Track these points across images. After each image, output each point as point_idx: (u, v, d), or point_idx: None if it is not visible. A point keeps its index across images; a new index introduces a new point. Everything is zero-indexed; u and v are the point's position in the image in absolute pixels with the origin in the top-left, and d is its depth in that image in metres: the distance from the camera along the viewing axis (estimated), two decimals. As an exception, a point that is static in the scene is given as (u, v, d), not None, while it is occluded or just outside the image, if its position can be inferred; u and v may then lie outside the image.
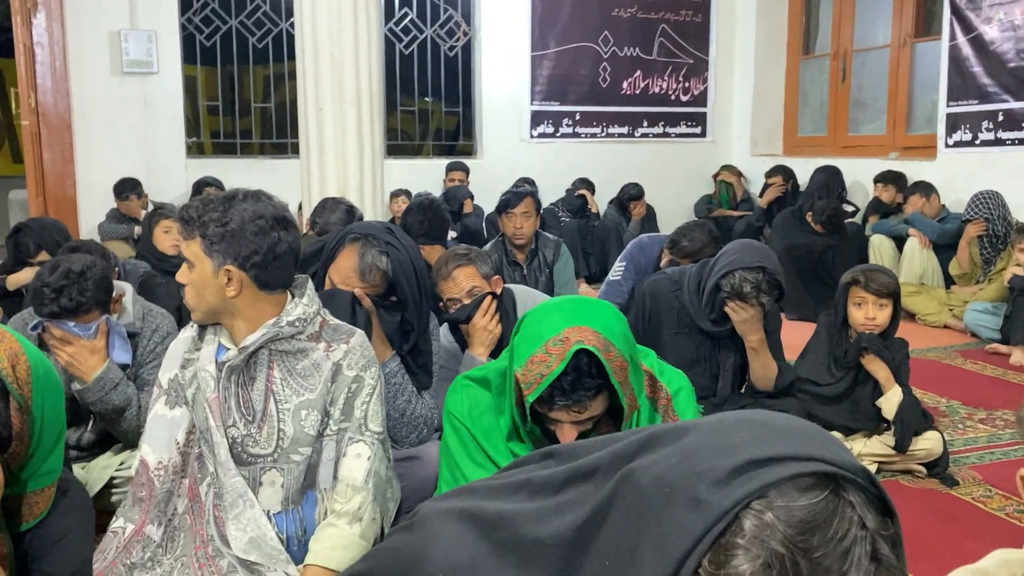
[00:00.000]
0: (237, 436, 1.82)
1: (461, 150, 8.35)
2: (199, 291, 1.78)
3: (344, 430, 1.86)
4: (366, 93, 3.98)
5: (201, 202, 1.77)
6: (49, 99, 6.40)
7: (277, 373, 1.82)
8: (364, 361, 1.88)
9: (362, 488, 1.84)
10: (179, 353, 1.90)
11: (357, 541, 1.81)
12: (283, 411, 1.82)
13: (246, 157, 7.36)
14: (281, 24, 7.18)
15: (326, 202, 3.71)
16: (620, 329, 1.62)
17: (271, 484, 1.83)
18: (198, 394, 1.83)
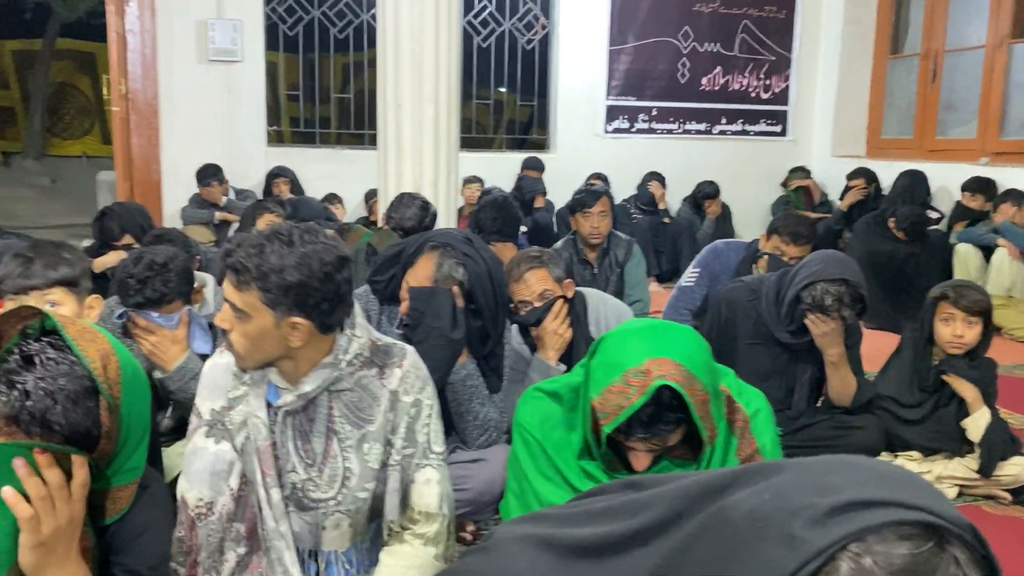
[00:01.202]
0: (297, 481, 1.71)
1: (534, 143, 8.33)
2: (255, 342, 1.61)
3: (409, 456, 1.75)
4: (444, 90, 3.99)
5: (254, 249, 1.57)
6: (138, 86, 6.60)
7: (336, 411, 1.71)
8: (420, 383, 1.77)
9: (438, 514, 1.76)
10: (221, 384, 1.74)
11: (431, 561, 1.74)
12: (346, 448, 1.71)
13: (324, 146, 7.48)
14: (362, 15, 7.26)
15: (402, 197, 3.75)
16: (703, 358, 1.57)
17: (335, 527, 1.74)
18: (248, 443, 1.70)
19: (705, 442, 1.56)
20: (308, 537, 1.75)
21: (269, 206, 4.36)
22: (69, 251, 2.08)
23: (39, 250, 2.03)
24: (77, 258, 2.08)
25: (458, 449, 2.49)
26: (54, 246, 2.07)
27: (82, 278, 2.05)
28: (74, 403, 1.18)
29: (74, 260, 2.06)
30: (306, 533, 1.75)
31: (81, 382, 1.20)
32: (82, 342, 1.23)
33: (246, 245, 1.57)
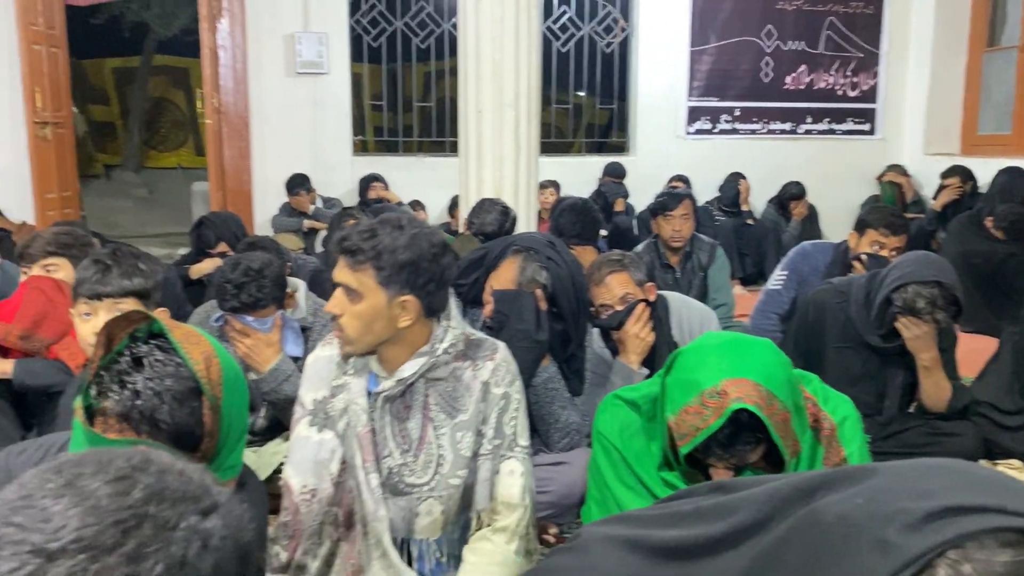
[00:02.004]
0: (393, 466, 1.79)
1: (613, 146, 8.31)
2: (367, 323, 1.71)
3: (496, 447, 1.83)
4: (524, 96, 4.02)
5: (367, 230, 1.71)
6: (230, 99, 6.85)
7: (432, 398, 1.80)
8: (510, 377, 1.85)
9: (519, 505, 1.82)
10: (325, 375, 1.84)
11: (513, 558, 1.79)
12: (440, 436, 1.79)
13: (407, 155, 7.62)
14: (443, 25, 7.37)
15: (483, 203, 3.79)
16: (782, 375, 1.53)
17: (428, 514, 1.80)
18: (348, 429, 1.79)
19: (786, 459, 1.53)
20: (401, 524, 1.82)
21: (354, 213, 4.51)
22: (146, 263, 2.14)
23: (117, 259, 2.09)
24: (153, 271, 2.14)
25: (540, 452, 2.50)
26: (133, 256, 2.13)
27: (154, 291, 2.10)
28: (180, 403, 1.24)
29: (149, 272, 2.12)
30: (399, 520, 1.81)
31: (186, 383, 1.26)
32: (187, 344, 1.29)
33: (359, 230, 1.70)
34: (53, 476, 0.61)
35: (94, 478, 0.60)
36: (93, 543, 0.56)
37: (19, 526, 0.56)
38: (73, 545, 0.56)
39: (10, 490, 0.60)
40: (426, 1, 7.38)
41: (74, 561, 0.55)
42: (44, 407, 2.51)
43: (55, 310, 2.54)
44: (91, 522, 0.57)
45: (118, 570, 0.56)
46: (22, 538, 0.56)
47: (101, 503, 0.59)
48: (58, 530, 0.56)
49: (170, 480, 0.63)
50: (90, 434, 1.24)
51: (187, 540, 0.60)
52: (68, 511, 0.58)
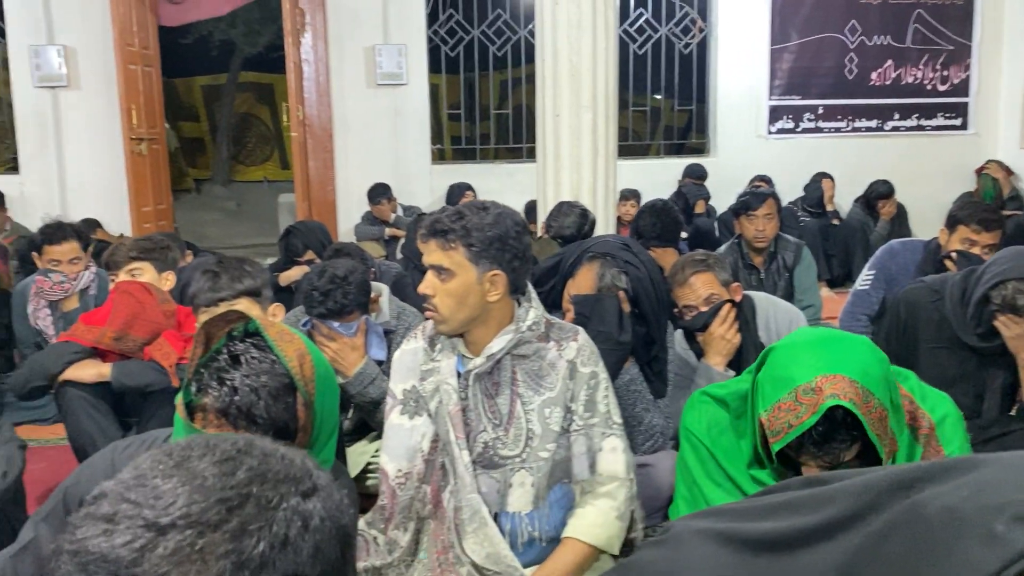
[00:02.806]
0: (488, 440, 1.87)
1: (692, 148, 8.21)
2: (460, 299, 1.81)
3: (593, 426, 1.90)
4: (602, 98, 4.01)
5: (455, 212, 1.81)
6: (314, 112, 7.04)
7: (519, 375, 1.89)
8: (595, 356, 1.93)
9: (625, 479, 1.89)
10: (413, 365, 1.95)
11: (614, 520, 1.86)
12: (528, 411, 1.87)
13: (484, 162, 7.68)
14: (520, 32, 7.42)
15: (561, 206, 3.79)
16: (879, 371, 1.49)
17: (521, 485, 1.88)
18: (440, 407, 1.89)
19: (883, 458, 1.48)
20: (495, 497, 1.89)
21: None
22: (251, 265, 2.27)
23: (224, 265, 2.21)
24: (258, 271, 2.26)
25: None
26: (238, 261, 2.25)
27: (264, 288, 2.22)
28: (275, 398, 1.28)
29: (256, 273, 2.24)
30: (493, 492, 1.88)
31: (281, 379, 1.30)
32: (281, 343, 1.33)
33: (447, 214, 1.81)
34: (164, 458, 0.64)
35: (201, 460, 0.63)
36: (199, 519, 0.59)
37: (133, 503, 0.60)
38: (181, 521, 0.58)
39: (126, 471, 0.63)
40: (503, 8, 7.44)
41: (182, 536, 0.58)
42: (141, 406, 2.62)
43: (144, 311, 2.65)
44: (198, 500, 0.60)
45: (222, 546, 0.58)
46: (136, 513, 0.59)
47: (207, 482, 0.61)
48: (168, 507, 0.59)
49: (272, 462, 0.65)
50: (190, 429, 1.29)
51: (288, 520, 0.62)
52: (177, 489, 0.60)
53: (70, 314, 3.61)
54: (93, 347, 2.60)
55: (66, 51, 6.64)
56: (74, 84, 6.72)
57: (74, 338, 2.60)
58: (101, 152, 6.72)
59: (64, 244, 3.66)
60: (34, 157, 6.78)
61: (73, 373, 2.55)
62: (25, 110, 6.75)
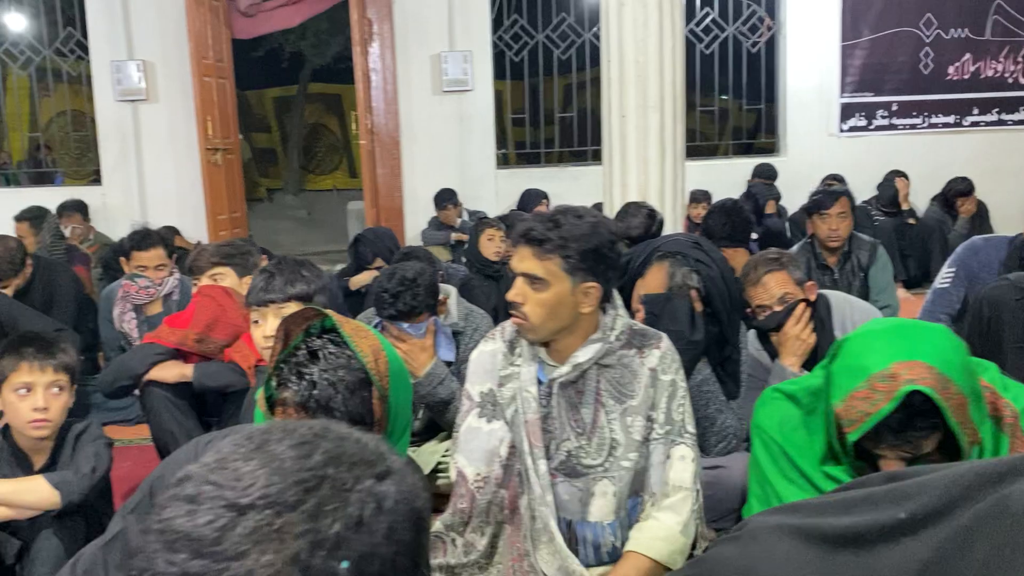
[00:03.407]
0: (571, 448, 1.85)
1: (760, 147, 8.08)
2: (553, 309, 1.77)
3: (668, 433, 1.87)
4: (669, 98, 3.98)
5: (550, 220, 1.76)
6: (381, 120, 7.15)
7: (603, 384, 1.86)
8: (676, 364, 1.90)
9: (691, 490, 1.86)
10: (491, 368, 1.92)
11: (678, 535, 1.82)
12: (611, 420, 1.85)
13: (548, 166, 7.69)
14: (584, 35, 7.41)
15: (628, 207, 3.77)
16: (958, 359, 1.44)
17: (603, 495, 1.85)
18: (516, 416, 1.87)
19: (964, 449, 1.43)
20: (577, 506, 1.86)
21: (490, 221, 4.73)
22: (309, 269, 2.26)
23: (281, 267, 2.22)
24: (315, 276, 2.25)
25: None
26: (296, 264, 2.25)
27: (317, 294, 2.20)
28: (352, 392, 1.31)
29: (311, 278, 2.23)
30: (575, 501, 1.86)
31: (357, 374, 1.32)
32: (356, 338, 1.36)
33: (542, 220, 1.77)
34: (245, 442, 0.66)
35: (280, 443, 0.65)
36: (277, 500, 0.61)
37: (215, 484, 0.62)
38: (260, 501, 0.60)
39: (209, 455, 0.66)
40: (567, 12, 7.45)
41: (261, 516, 0.60)
42: (221, 407, 2.70)
43: (225, 314, 2.74)
44: (276, 481, 0.61)
45: (300, 526, 0.60)
46: (217, 495, 0.61)
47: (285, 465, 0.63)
48: (247, 488, 0.61)
49: (348, 446, 0.67)
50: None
51: (363, 502, 0.63)
52: (256, 471, 0.62)
53: (154, 318, 3.74)
54: (176, 349, 2.69)
55: (145, 65, 6.89)
56: (152, 97, 6.97)
57: (158, 340, 2.69)
58: (179, 162, 6.95)
59: (151, 250, 3.80)
60: (115, 169, 7.05)
61: (157, 373, 2.64)
62: (107, 124, 7.02)
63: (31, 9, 8.25)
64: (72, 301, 4.07)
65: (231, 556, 0.58)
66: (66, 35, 7.17)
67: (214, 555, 0.58)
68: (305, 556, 0.59)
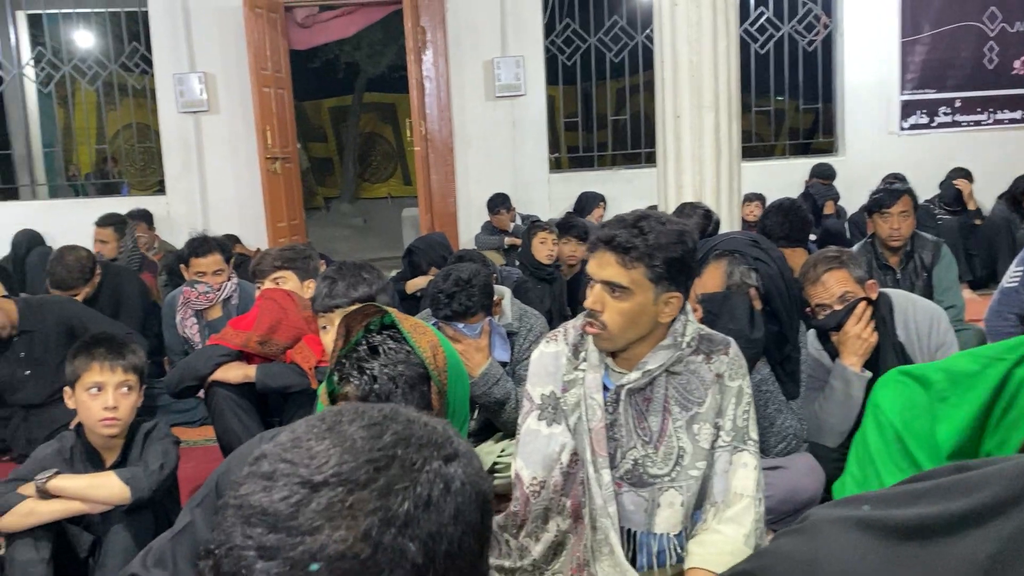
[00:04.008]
0: (637, 457, 1.81)
1: (818, 148, 7.94)
2: (633, 319, 1.74)
3: (731, 440, 1.83)
4: (724, 97, 3.94)
5: (634, 227, 1.71)
6: (435, 126, 7.22)
7: (670, 392, 1.82)
8: (743, 370, 1.86)
9: (754, 498, 1.81)
10: (554, 371, 1.87)
11: (742, 548, 1.76)
12: (678, 428, 1.80)
13: (601, 169, 7.67)
14: (637, 37, 7.39)
15: (683, 207, 3.74)
16: None
17: (669, 505, 1.80)
18: (580, 424, 1.82)
19: None
20: (642, 516, 1.82)
21: (543, 225, 4.74)
22: (369, 272, 2.31)
23: (342, 272, 2.28)
24: (375, 278, 2.30)
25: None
26: (356, 268, 2.30)
27: (378, 295, 2.24)
28: (411, 387, 1.33)
29: (372, 280, 2.28)
30: (641, 511, 1.82)
31: (416, 369, 1.35)
32: (415, 335, 1.38)
33: (626, 226, 1.71)
34: (318, 423, 0.68)
35: (351, 424, 0.68)
36: (349, 478, 0.63)
37: (290, 462, 0.64)
38: (333, 479, 0.62)
39: (283, 435, 0.68)
40: (619, 15, 7.43)
41: (334, 492, 0.62)
42: (282, 407, 2.76)
43: (287, 317, 2.79)
44: (348, 460, 0.64)
45: (370, 503, 0.62)
46: (292, 472, 0.63)
47: (356, 444, 0.65)
48: (321, 466, 0.63)
49: (416, 428, 0.69)
50: (333, 417, 1.35)
51: (431, 482, 0.65)
52: (329, 450, 0.64)
53: (214, 323, 3.83)
54: (239, 350, 2.76)
55: (206, 78, 7.07)
56: (213, 108, 7.15)
57: (223, 341, 2.76)
58: (239, 172, 7.11)
59: (209, 256, 3.90)
60: (178, 179, 7.24)
61: (221, 374, 2.71)
62: (170, 135, 7.22)
63: (99, 27, 8.53)
64: (139, 307, 4.20)
65: (305, 531, 0.60)
66: (131, 50, 7.40)
67: (289, 530, 0.60)
68: (376, 533, 0.61)
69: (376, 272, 2.29)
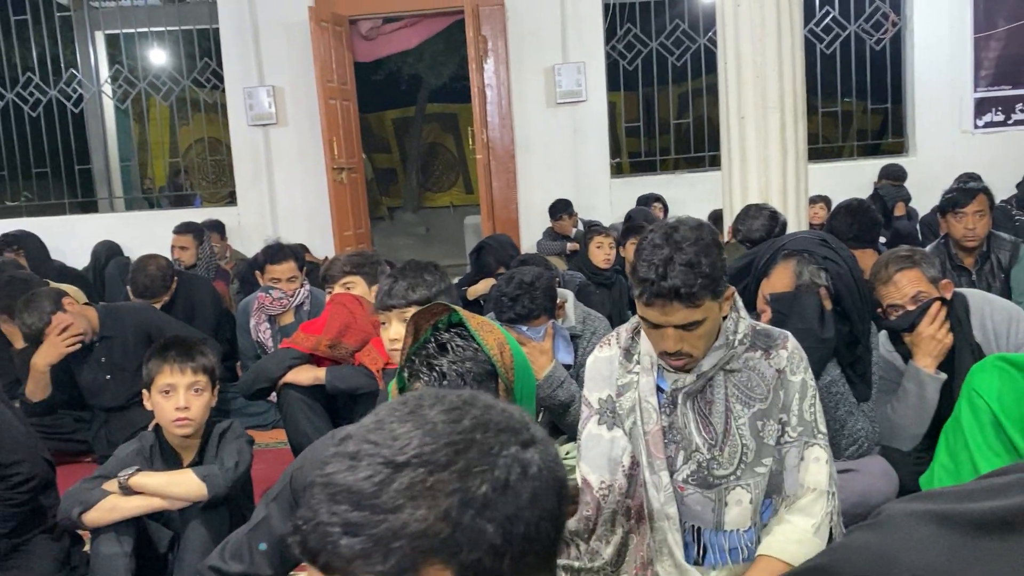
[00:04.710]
0: (702, 460, 1.80)
1: (887, 149, 7.75)
2: (711, 334, 1.74)
3: (800, 434, 1.80)
4: (789, 97, 3.89)
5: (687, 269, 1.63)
6: (496, 134, 7.27)
7: (729, 390, 1.81)
8: (804, 364, 1.83)
9: (826, 491, 1.79)
10: (608, 375, 1.88)
11: (812, 538, 1.75)
12: (740, 426, 1.79)
13: (664, 173, 7.63)
14: (699, 40, 7.33)
15: (748, 209, 3.69)
16: None
17: (737, 503, 1.79)
18: (635, 428, 1.83)
19: None
20: (710, 516, 1.81)
21: (599, 229, 4.81)
22: (432, 273, 2.29)
23: (404, 272, 2.28)
24: (437, 280, 2.28)
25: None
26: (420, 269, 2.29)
27: (438, 296, 2.23)
28: (479, 383, 1.35)
29: (434, 282, 2.26)
30: (708, 511, 1.81)
31: (483, 366, 1.37)
32: (482, 332, 1.40)
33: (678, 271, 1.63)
34: (400, 406, 0.71)
35: (432, 408, 0.70)
36: (431, 459, 0.65)
37: (374, 443, 0.67)
38: (415, 459, 0.65)
39: (367, 418, 0.71)
40: (681, 19, 7.39)
41: (415, 473, 0.64)
42: (351, 408, 2.81)
43: (356, 321, 2.85)
44: (428, 442, 0.66)
45: (450, 484, 0.64)
46: (375, 452, 0.66)
47: (437, 428, 0.67)
48: (403, 447, 0.66)
49: (494, 414, 0.70)
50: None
51: (508, 466, 0.67)
52: (411, 433, 0.67)
53: (287, 328, 3.93)
54: (310, 353, 2.83)
55: (274, 91, 7.26)
56: (282, 121, 7.33)
57: (294, 345, 2.84)
58: (306, 182, 7.28)
59: (283, 264, 4.01)
60: (249, 190, 7.45)
61: (293, 376, 2.78)
62: (241, 148, 7.43)
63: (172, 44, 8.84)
64: (212, 314, 4.33)
65: (388, 509, 0.63)
66: (203, 65, 7.65)
67: (372, 508, 0.63)
68: (455, 513, 0.63)
69: (440, 273, 2.31)
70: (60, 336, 3.44)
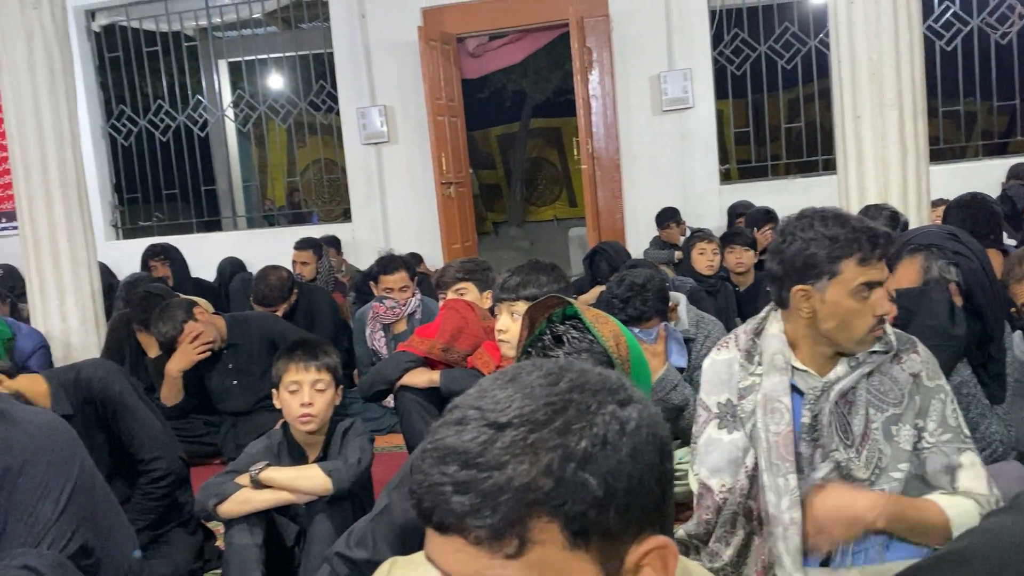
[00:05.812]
0: (840, 460, 1.77)
1: (1016, 148, 7.35)
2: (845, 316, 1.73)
3: (946, 442, 1.75)
4: (908, 95, 3.75)
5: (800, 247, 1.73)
6: (601, 144, 7.28)
7: (867, 394, 1.78)
8: (937, 368, 1.80)
9: (990, 495, 1.73)
10: (727, 378, 1.87)
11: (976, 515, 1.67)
12: (874, 431, 1.76)
13: (775, 179, 7.45)
14: (809, 42, 7.14)
15: (868, 209, 3.57)
16: None
17: None
18: (756, 430, 1.80)
19: None
20: None
21: (701, 235, 4.81)
22: (548, 273, 2.41)
23: (521, 269, 2.42)
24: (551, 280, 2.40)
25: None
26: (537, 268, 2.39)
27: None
28: (596, 373, 1.36)
29: (546, 282, 2.37)
30: None
31: (599, 356, 1.38)
32: (597, 324, 1.42)
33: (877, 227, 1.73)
34: (501, 375, 0.77)
35: (530, 375, 0.75)
36: (530, 419, 0.70)
37: (477, 408, 0.72)
38: (516, 419, 0.70)
39: (472, 389, 0.76)
40: (790, 21, 7.22)
41: (517, 432, 0.69)
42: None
43: (468, 326, 2.93)
44: (528, 403, 0.71)
45: (550, 441, 0.69)
46: (479, 416, 0.71)
47: (535, 391, 0.72)
48: (504, 409, 0.71)
49: (590, 376, 0.75)
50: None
51: (607, 424, 0.70)
52: (512, 396, 0.72)
53: (400, 336, 4.05)
54: (425, 357, 2.91)
55: (386, 110, 7.50)
56: (392, 139, 7.56)
57: (410, 348, 2.94)
58: (417, 197, 7.48)
59: (396, 274, 4.15)
60: (362, 206, 7.70)
61: (408, 379, 2.87)
62: (355, 166, 7.70)
63: (289, 70, 9.26)
64: (330, 323, 4.51)
65: (493, 466, 0.68)
66: (318, 88, 7.97)
67: (479, 466, 0.68)
68: (557, 467, 0.68)
69: (556, 275, 2.38)
70: (192, 344, 3.65)
